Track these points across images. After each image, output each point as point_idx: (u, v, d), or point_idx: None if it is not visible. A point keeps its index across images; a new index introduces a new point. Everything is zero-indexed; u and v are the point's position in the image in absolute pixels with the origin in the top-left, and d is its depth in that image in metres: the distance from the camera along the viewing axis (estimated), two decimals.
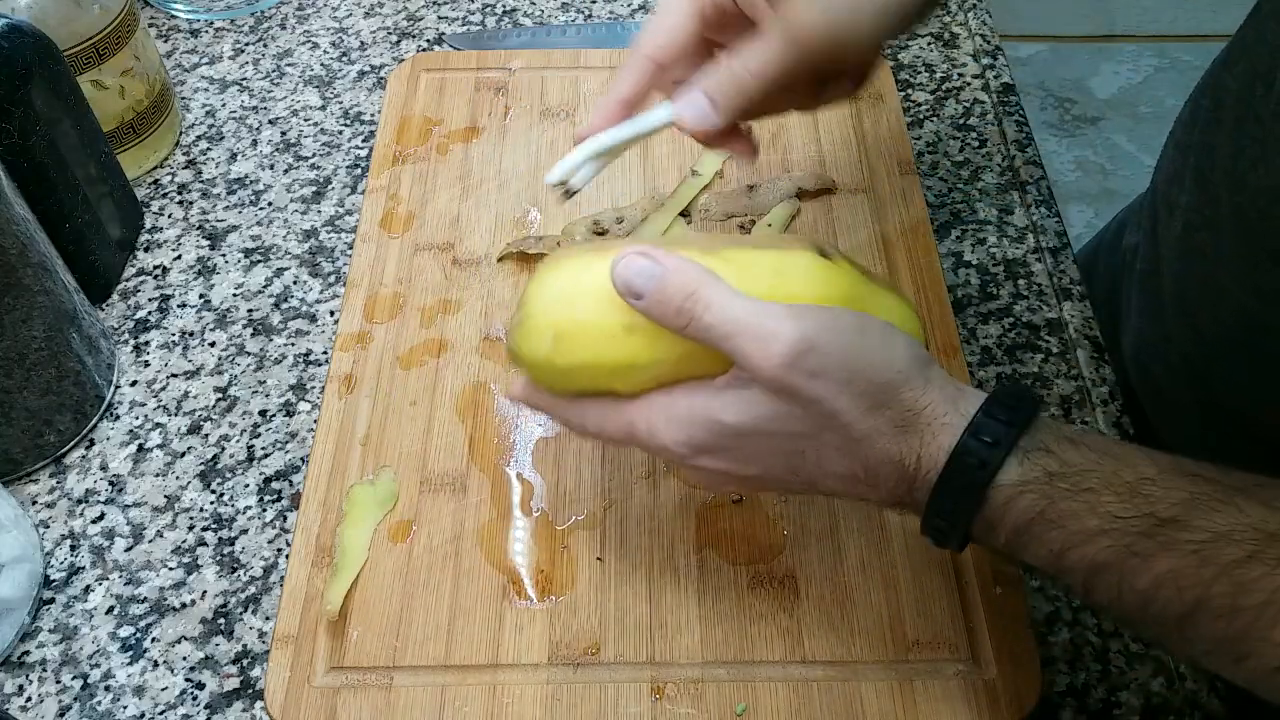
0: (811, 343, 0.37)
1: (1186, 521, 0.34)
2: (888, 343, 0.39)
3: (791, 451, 0.40)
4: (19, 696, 0.49)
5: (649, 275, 0.39)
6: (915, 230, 0.64)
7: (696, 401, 0.40)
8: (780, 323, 0.37)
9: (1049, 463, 0.37)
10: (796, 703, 0.47)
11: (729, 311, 0.38)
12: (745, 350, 0.38)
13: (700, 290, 0.38)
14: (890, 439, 0.38)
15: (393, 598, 0.50)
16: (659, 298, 0.39)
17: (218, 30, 0.81)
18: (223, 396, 0.60)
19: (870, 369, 0.38)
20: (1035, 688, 0.47)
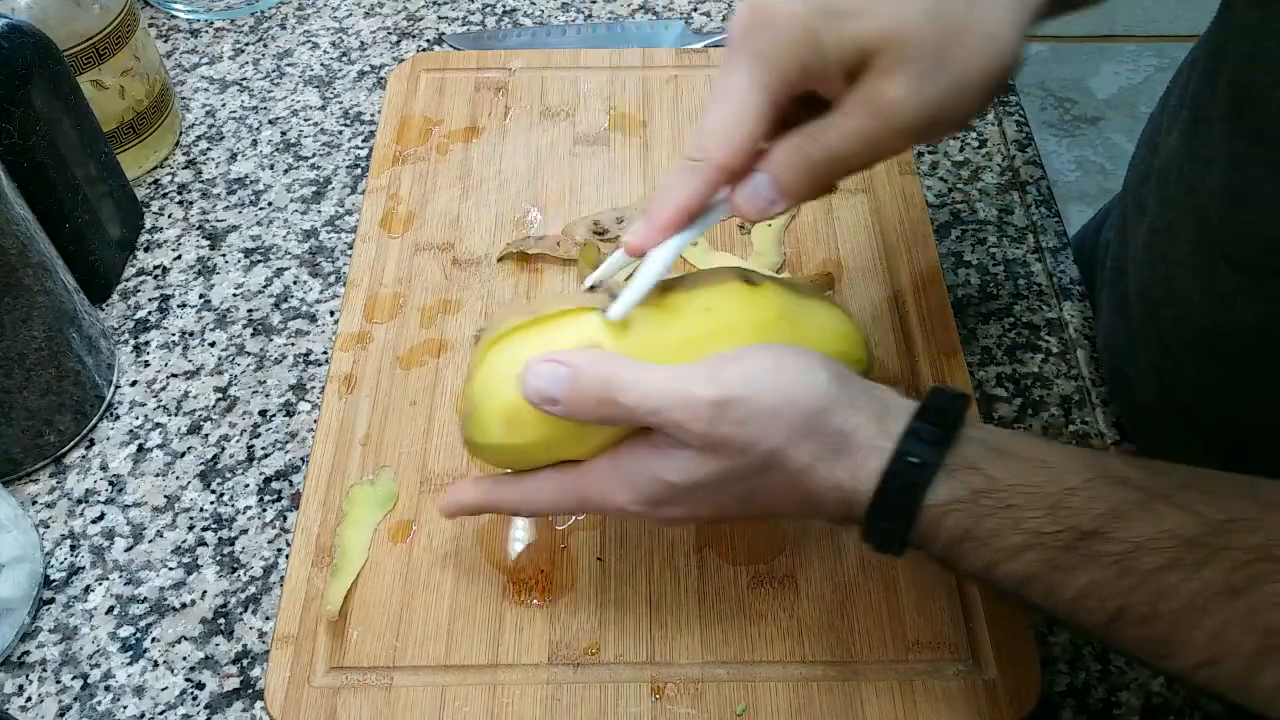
0: (732, 395, 0.38)
1: (1107, 533, 0.35)
2: (807, 370, 0.39)
3: (740, 495, 0.40)
4: (19, 696, 0.49)
5: (559, 380, 0.39)
6: (915, 230, 0.64)
7: (643, 464, 0.40)
8: (698, 386, 0.38)
9: (975, 480, 0.37)
10: (796, 703, 0.47)
11: (646, 390, 0.38)
12: (673, 421, 0.38)
13: (612, 380, 0.39)
14: (827, 465, 0.39)
15: (393, 598, 0.50)
16: (575, 400, 0.39)
17: (218, 30, 0.81)
18: (223, 396, 0.60)
19: (795, 402, 0.38)
20: (1035, 688, 0.47)
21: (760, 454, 0.39)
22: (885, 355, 0.58)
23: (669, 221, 0.41)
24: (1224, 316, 0.50)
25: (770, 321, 0.42)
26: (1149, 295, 0.56)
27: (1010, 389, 0.60)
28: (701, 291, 0.43)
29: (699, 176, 0.40)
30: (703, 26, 0.80)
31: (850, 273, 0.62)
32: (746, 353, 0.40)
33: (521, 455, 0.43)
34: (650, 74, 0.73)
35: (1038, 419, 0.58)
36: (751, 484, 0.40)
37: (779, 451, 0.39)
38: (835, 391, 0.39)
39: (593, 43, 0.78)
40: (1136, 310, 0.58)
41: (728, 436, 0.38)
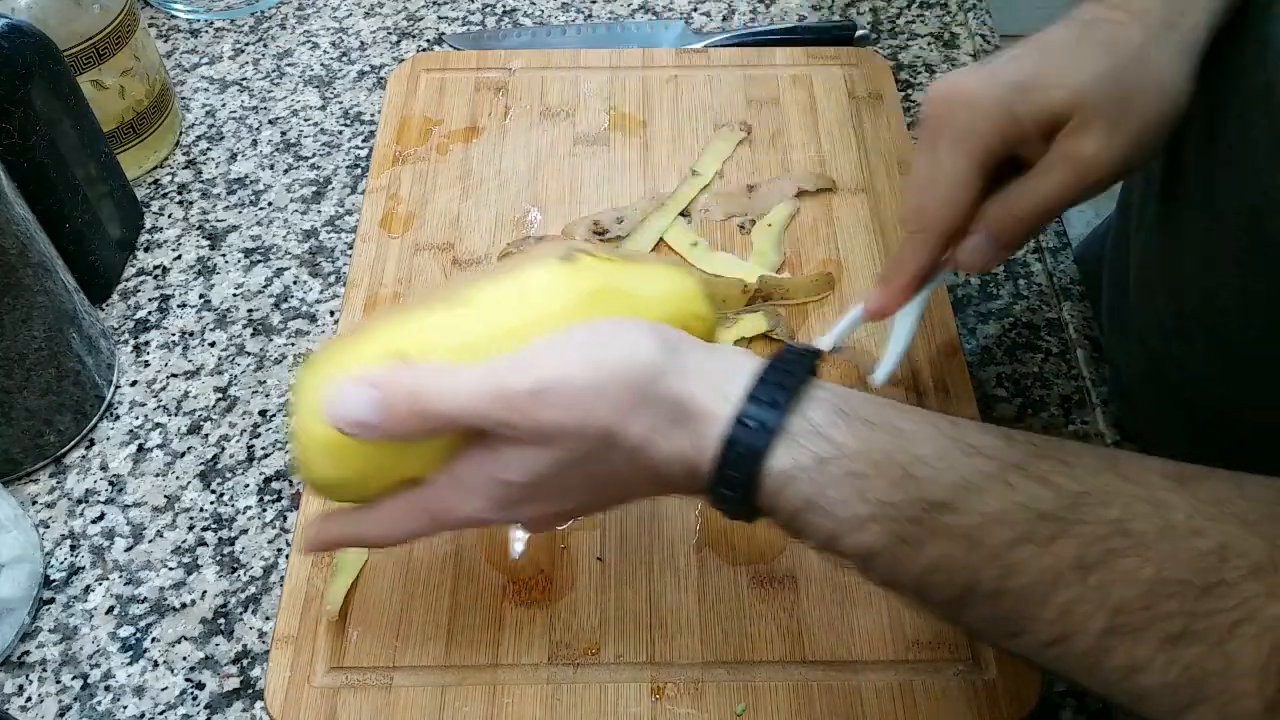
0: (549, 381, 0.36)
1: (956, 505, 0.34)
2: (628, 341, 0.38)
3: (589, 483, 0.39)
4: (19, 696, 0.49)
5: (365, 403, 0.37)
6: None
7: (480, 470, 0.39)
8: (512, 378, 0.37)
9: (819, 446, 0.36)
10: (796, 703, 0.47)
11: (458, 393, 0.37)
12: (494, 420, 0.37)
13: (420, 391, 0.37)
14: (667, 435, 0.37)
15: (393, 598, 0.50)
16: (388, 420, 0.37)
17: (218, 30, 0.81)
18: (223, 396, 0.60)
19: (616, 375, 0.37)
20: (1035, 688, 0.47)
21: (593, 435, 0.37)
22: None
23: (905, 288, 0.47)
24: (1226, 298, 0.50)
25: (590, 297, 0.40)
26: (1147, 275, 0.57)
27: (1010, 389, 0.60)
28: (513, 278, 0.40)
29: (927, 248, 0.46)
30: (703, 26, 0.80)
31: (850, 273, 0.62)
32: (562, 335, 0.38)
33: (359, 486, 0.40)
34: (650, 74, 0.73)
35: (1038, 419, 0.58)
36: (595, 468, 0.38)
37: (611, 429, 0.37)
38: (662, 359, 0.37)
39: (593, 43, 0.78)
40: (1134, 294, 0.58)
41: (553, 423, 0.36)
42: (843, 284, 0.62)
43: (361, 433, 0.37)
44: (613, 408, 0.37)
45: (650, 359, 0.37)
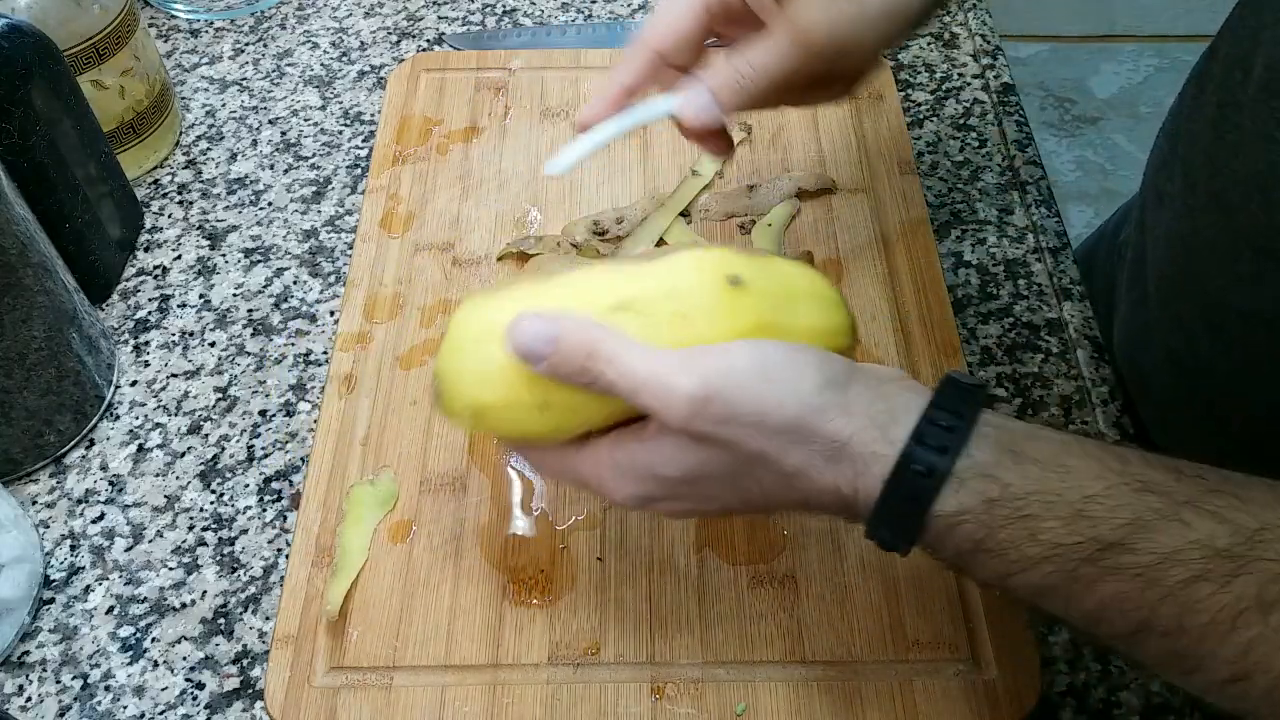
0: (711, 392, 0.37)
1: (1131, 545, 0.34)
2: (794, 375, 0.37)
3: (737, 488, 0.39)
4: (19, 696, 0.49)
5: (545, 339, 0.38)
6: (915, 230, 0.64)
7: (633, 456, 0.39)
8: (678, 377, 0.37)
9: (988, 488, 0.35)
10: (796, 703, 0.47)
11: (629, 367, 0.38)
12: (651, 406, 0.37)
13: (598, 348, 0.38)
14: (822, 470, 0.37)
15: (393, 598, 0.50)
16: (558, 360, 0.38)
17: (218, 30, 0.81)
18: (223, 396, 0.60)
19: (778, 407, 0.37)
20: (1035, 688, 0.47)
21: (745, 454, 0.37)
22: (885, 355, 0.58)
23: (613, 98, 0.48)
24: (1245, 300, 0.50)
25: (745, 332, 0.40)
26: (1169, 282, 0.57)
27: (1010, 389, 0.60)
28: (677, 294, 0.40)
29: (638, 61, 0.48)
30: None
31: (850, 273, 0.62)
32: (732, 350, 0.38)
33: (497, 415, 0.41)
34: None
35: (1037, 419, 0.58)
36: (744, 479, 0.39)
37: (765, 453, 0.37)
38: (824, 398, 0.37)
39: (593, 43, 0.78)
40: (1155, 300, 0.58)
41: (707, 434, 0.37)
42: (843, 284, 0.62)
43: (532, 364, 0.39)
44: (770, 437, 0.37)
45: (812, 397, 0.37)
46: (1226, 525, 0.33)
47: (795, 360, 0.38)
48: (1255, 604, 0.32)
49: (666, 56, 0.48)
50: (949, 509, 0.36)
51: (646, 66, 0.48)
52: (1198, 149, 0.54)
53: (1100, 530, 0.34)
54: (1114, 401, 0.59)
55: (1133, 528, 0.34)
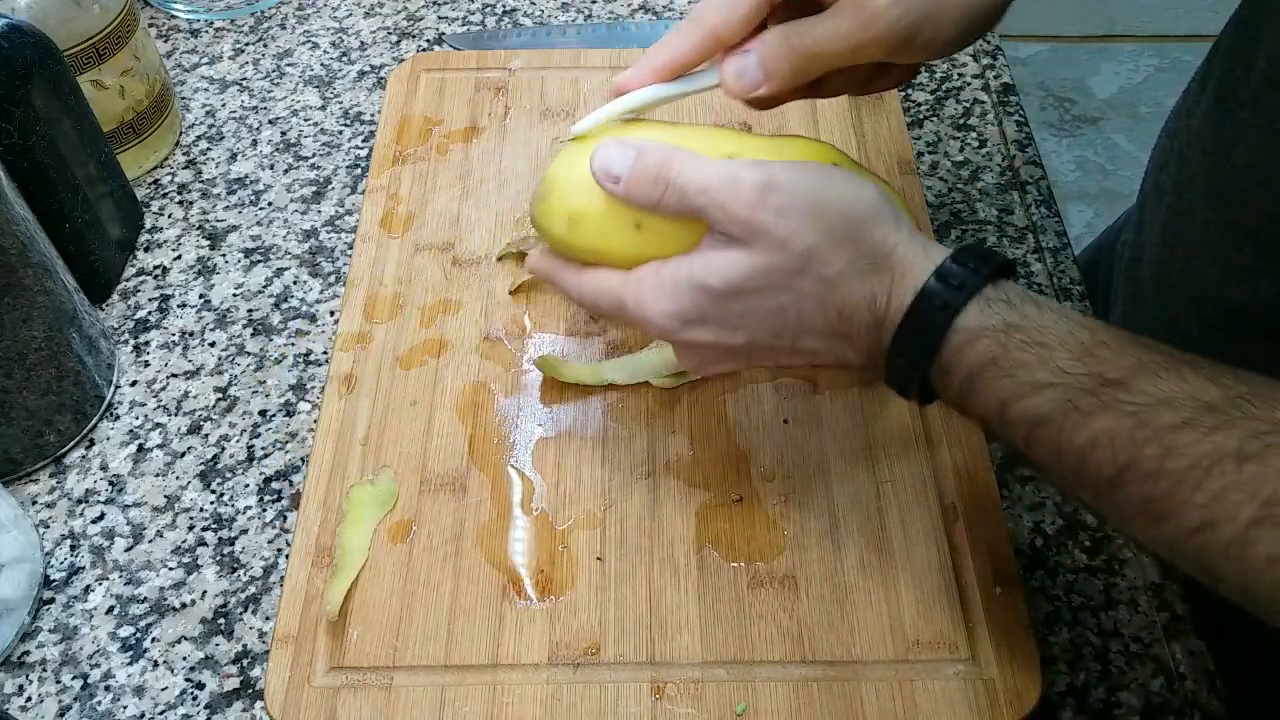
0: (775, 182, 0.40)
1: (1130, 384, 0.36)
2: (855, 183, 0.41)
3: (773, 309, 0.41)
4: (19, 696, 0.49)
5: (623, 158, 0.42)
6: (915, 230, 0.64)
7: (680, 269, 0.42)
8: (744, 169, 0.40)
9: (1009, 314, 0.38)
10: (796, 703, 0.47)
11: (699, 171, 0.41)
12: (716, 200, 0.40)
13: (672, 160, 0.41)
14: (862, 277, 0.40)
15: (393, 598, 0.50)
16: (635, 175, 0.42)
17: (218, 30, 0.81)
18: (223, 396, 0.60)
19: (837, 203, 0.40)
20: (1035, 688, 0.47)
21: (796, 250, 0.39)
22: None
23: (658, 68, 0.46)
24: (1243, 295, 0.50)
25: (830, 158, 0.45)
26: (1165, 279, 0.57)
27: None
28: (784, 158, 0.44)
29: (693, 35, 0.45)
30: None
31: None
32: (799, 162, 0.42)
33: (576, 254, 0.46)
34: None
35: None
36: (784, 297, 0.40)
37: (814, 251, 0.39)
38: (880, 208, 0.40)
39: (593, 43, 0.78)
40: (1151, 297, 0.58)
41: (764, 224, 0.39)
42: None
43: (609, 185, 0.42)
44: (822, 232, 0.39)
45: (870, 203, 0.40)
46: (1219, 386, 0.35)
47: (857, 178, 0.42)
48: (1233, 455, 0.34)
49: (720, 35, 0.45)
50: (972, 323, 0.38)
51: (699, 44, 0.45)
52: (1195, 142, 0.54)
53: (1105, 368, 0.36)
54: None
55: (1134, 370, 0.36)
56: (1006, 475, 0.56)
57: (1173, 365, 0.36)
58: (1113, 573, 0.53)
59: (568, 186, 0.45)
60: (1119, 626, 0.51)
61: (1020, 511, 0.55)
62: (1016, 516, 0.55)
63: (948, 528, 0.52)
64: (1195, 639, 0.51)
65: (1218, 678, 0.50)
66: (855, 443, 0.55)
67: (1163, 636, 0.51)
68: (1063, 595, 0.52)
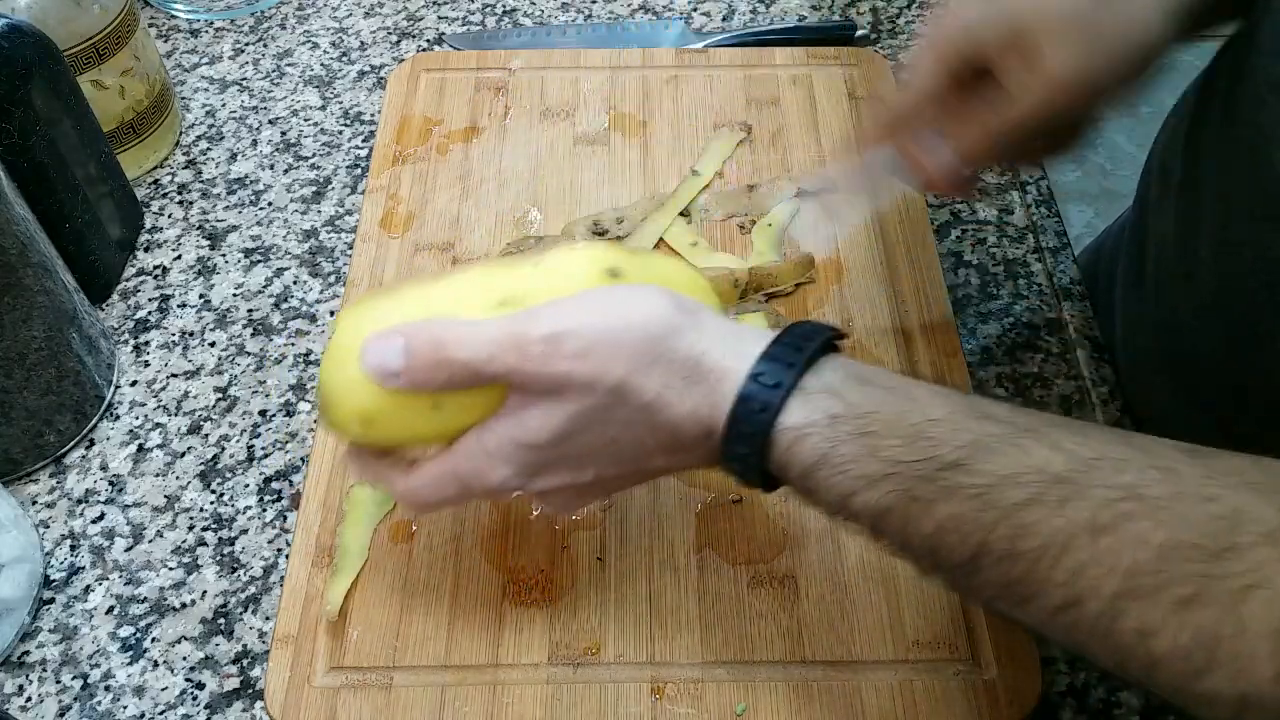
0: (564, 328, 0.38)
1: (969, 464, 0.34)
2: (643, 300, 0.39)
3: (605, 443, 0.39)
4: (19, 696, 0.49)
5: (394, 351, 0.39)
6: (915, 230, 0.64)
7: (501, 436, 0.40)
8: (525, 324, 0.38)
9: (832, 405, 0.37)
10: (796, 703, 0.47)
11: (477, 340, 0.38)
12: (507, 364, 0.38)
13: (444, 338, 0.38)
14: (680, 393, 0.38)
15: (393, 598, 0.50)
16: (414, 365, 0.39)
17: (218, 30, 0.81)
18: (223, 396, 0.60)
19: (631, 329, 0.38)
20: (1035, 688, 0.47)
21: (606, 386, 0.38)
22: (885, 355, 0.58)
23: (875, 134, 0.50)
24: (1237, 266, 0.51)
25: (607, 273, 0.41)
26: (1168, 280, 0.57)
27: (1010, 389, 0.60)
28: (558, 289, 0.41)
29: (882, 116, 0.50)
30: (703, 26, 0.80)
31: (850, 273, 0.62)
32: (580, 294, 0.40)
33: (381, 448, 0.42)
34: (650, 74, 0.73)
35: None
36: (610, 427, 0.39)
37: (625, 382, 0.38)
38: (677, 318, 0.38)
39: (593, 43, 0.78)
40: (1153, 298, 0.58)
41: (567, 373, 0.37)
42: (843, 284, 0.62)
43: (390, 381, 0.39)
44: (626, 361, 0.38)
45: (666, 317, 0.38)
46: (1063, 453, 0.34)
47: (642, 292, 0.40)
48: (1087, 528, 0.32)
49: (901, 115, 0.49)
50: (795, 421, 0.37)
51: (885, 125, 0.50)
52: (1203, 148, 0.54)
53: (940, 450, 0.35)
54: (1114, 401, 0.59)
55: (972, 449, 0.35)
56: None
57: (1012, 437, 0.35)
58: None
59: (348, 389, 0.40)
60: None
61: None
62: None
63: None
64: None
65: None
66: None
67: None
68: None
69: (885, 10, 0.81)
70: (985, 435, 0.35)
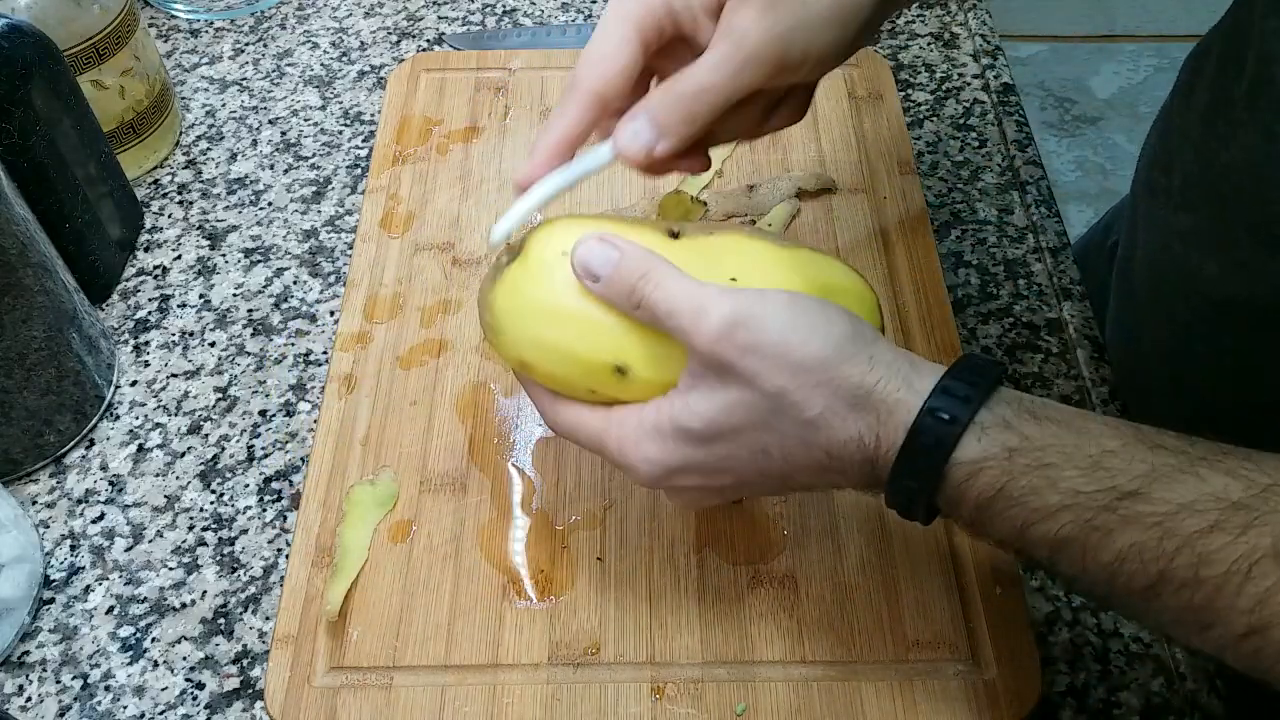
0: (741, 318, 0.38)
1: (1148, 494, 0.34)
2: (823, 318, 0.39)
3: (757, 450, 0.40)
4: (19, 696, 0.49)
5: (606, 260, 0.40)
6: (915, 230, 0.64)
7: (661, 414, 0.40)
8: (713, 300, 0.39)
9: (1009, 438, 0.36)
10: (796, 703, 0.47)
11: (672, 291, 0.39)
12: (683, 327, 0.39)
13: (651, 272, 0.40)
14: (845, 418, 0.38)
15: (393, 598, 0.50)
16: (614, 279, 0.40)
17: (218, 30, 0.81)
18: (223, 396, 0.60)
19: (804, 344, 0.38)
20: (1035, 688, 0.47)
21: (766, 393, 0.38)
22: None
23: (551, 151, 0.43)
24: (1239, 288, 0.51)
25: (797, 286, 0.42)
26: (1159, 274, 0.57)
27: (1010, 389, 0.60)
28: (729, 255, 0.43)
29: (576, 107, 0.43)
30: None
31: None
32: (771, 290, 0.40)
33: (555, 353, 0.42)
34: None
35: None
36: (765, 437, 0.39)
37: (786, 393, 0.38)
38: (851, 346, 0.38)
39: None
40: (1144, 294, 0.58)
41: (730, 361, 0.38)
42: None
43: (587, 281, 0.41)
44: (792, 374, 0.38)
45: (840, 341, 0.38)
46: (1240, 480, 0.34)
47: (827, 309, 0.40)
48: (1270, 554, 0.32)
49: (606, 99, 0.43)
50: (971, 455, 0.37)
51: (586, 113, 0.43)
52: (1189, 143, 0.54)
53: (1118, 480, 0.35)
54: (1114, 401, 0.59)
55: (1149, 479, 0.35)
56: None
57: (1187, 465, 0.35)
58: None
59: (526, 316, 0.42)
60: (1119, 626, 0.51)
61: None
62: None
63: (948, 528, 0.52)
64: None
65: (1218, 678, 0.50)
66: None
67: (1163, 636, 0.51)
68: (1063, 595, 0.52)
69: None
70: (1161, 464, 0.35)
